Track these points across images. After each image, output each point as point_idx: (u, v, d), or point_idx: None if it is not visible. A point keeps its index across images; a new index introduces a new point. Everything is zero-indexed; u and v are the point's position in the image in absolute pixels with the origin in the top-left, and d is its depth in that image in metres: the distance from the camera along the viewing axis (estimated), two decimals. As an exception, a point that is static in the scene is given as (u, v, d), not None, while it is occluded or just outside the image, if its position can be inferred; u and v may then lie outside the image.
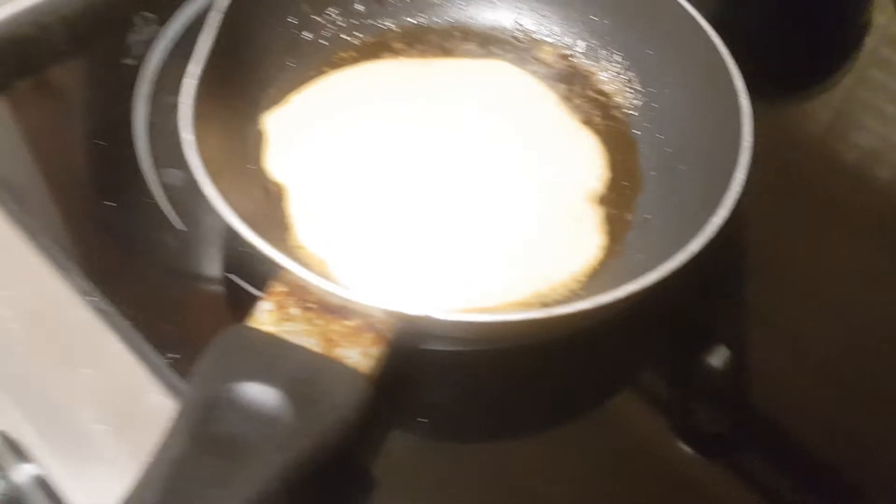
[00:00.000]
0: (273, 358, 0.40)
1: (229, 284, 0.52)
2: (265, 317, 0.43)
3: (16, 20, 0.64)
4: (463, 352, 0.50)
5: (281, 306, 0.43)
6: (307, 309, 0.43)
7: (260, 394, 0.39)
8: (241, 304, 0.50)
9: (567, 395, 0.50)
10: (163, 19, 0.64)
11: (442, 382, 0.49)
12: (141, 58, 0.62)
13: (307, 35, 0.61)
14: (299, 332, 0.43)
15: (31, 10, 0.65)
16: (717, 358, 0.53)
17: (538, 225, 0.52)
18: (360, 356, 0.42)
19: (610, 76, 0.61)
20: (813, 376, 0.51)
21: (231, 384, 0.39)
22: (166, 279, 0.53)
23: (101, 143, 0.58)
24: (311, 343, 0.42)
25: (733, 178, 0.47)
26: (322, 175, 0.54)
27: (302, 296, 0.44)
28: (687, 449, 0.48)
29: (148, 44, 0.62)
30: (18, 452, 0.48)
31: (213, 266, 0.53)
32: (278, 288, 0.44)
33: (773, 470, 0.48)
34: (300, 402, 0.39)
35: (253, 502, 0.35)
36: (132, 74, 0.60)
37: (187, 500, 0.35)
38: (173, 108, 0.58)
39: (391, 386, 0.45)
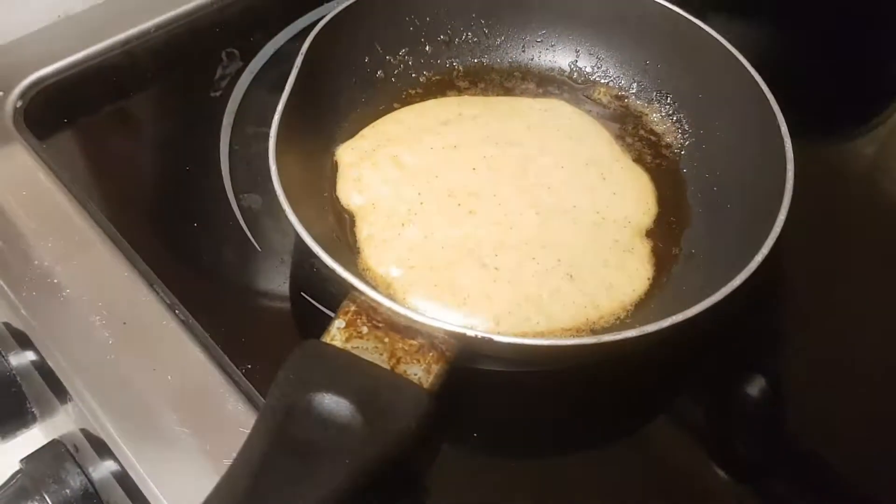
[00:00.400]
0: (345, 371, 0.44)
1: (299, 301, 0.56)
2: (338, 333, 0.47)
3: (108, 50, 0.70)
4: (515, 373, 0.53)
5: (352, 324, 0.48)
6: (375, 327, 0.48)
7: (333, 404, 0.43)
8: (309, 320, 0.54)
9: (610, 417, 0.53)
10: (245, 55, 0.70)
11: (494, 401, 0.53)
12: (226, 91, 0.67)
13: (379, 73, 0.66)
14: (368, 348, 0.47)
15: (123, 42, 0.71)
16: (755, 387, 0.55)
17: (590, 255, 0.55)
18: (423, 372, 0.46)
19: (661, 117, 0.64)
20: (848, 407, 0.53)
21: (308, 394, 0.43)
22: (242, 295, 0.57)
23: (189, 168, 0.63)
24: (379, 359, 0.46)
25: (776, 220, 0.49)
26: (389, 203, 0.58)
27: (371, 315, 0.48)
28: (723, 474, 0.51)
29: (232, 78, 0.68)
30: (100, 449, 0.53)
31: (284, 284, 0.57)
32: (350, 307, 0.48)
33: (807, 498, 0.51)
34: (369, 413, 0.42)
35: (326, 501, 0.39)
36: (218, 106, 0.66)
37: (267, 496, 0.39)
38: (253, 137, 0.64)
39: (448, 401, 0.49)
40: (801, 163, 0.53)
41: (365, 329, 0.47)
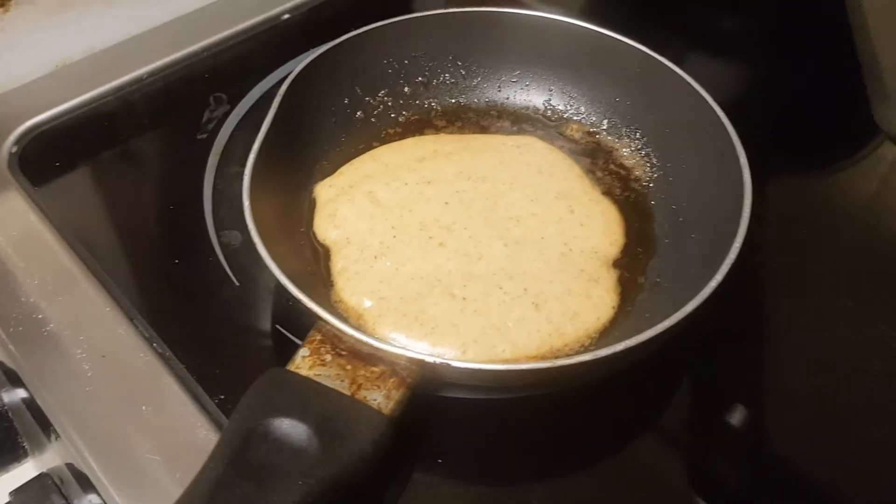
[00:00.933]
0: (304, 397, 0.46)
1: (275, 334, 0.57)
2: (302, 361, 0.48)
3: (101, 97, 0.73)
4: (481, 400, 0.54)
5: (316, 352, 0.49)
6: (339, 355, 0.49)
7: (291, 428, 0.44)
8: (284, 352, 0.55)
9: (578, 444, 0.53)
10: (232, 99, 0.72)
11: (462, 428, 0.53)
12: (212, 133, 0.69)
13: (359, 114, 0.68)
14: (331, 375, 0.48)
15: (116, 89, 0.74)
16: (730, 412, 0.55)
17: (556, 285, 0.56)
18: (383, 398, 0.47)
19: (631, 151, 0.66)
20: (816, 425, 0.54)
21: (266, 419, 0.44)
22: (220, 328, 0.59)
23: (173, 207, 0.65)
24: (341, 385, 0.47)
25: (731, 248, 0.50)
26: (363, 237, 0.59)
27: (335, 344, 0.49)
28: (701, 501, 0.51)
29: (219, 121, 0.70)
30: (82, 481, 0.54)
31: (262, 317, 0.59)
32: (316, 336, 0.50)
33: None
34: (325, 437, 0.44)
35: (278, 521, 0.40)
36: (203, 147, 0.68)
37: (222, 517, 0.40)
38: (236, 176, 0.66)
39: (415, 429, 0.50)
40: (760, 194, 0.54)
41: (328, 357, 0.49)
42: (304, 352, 0.49)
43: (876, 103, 0.43)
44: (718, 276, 0.49)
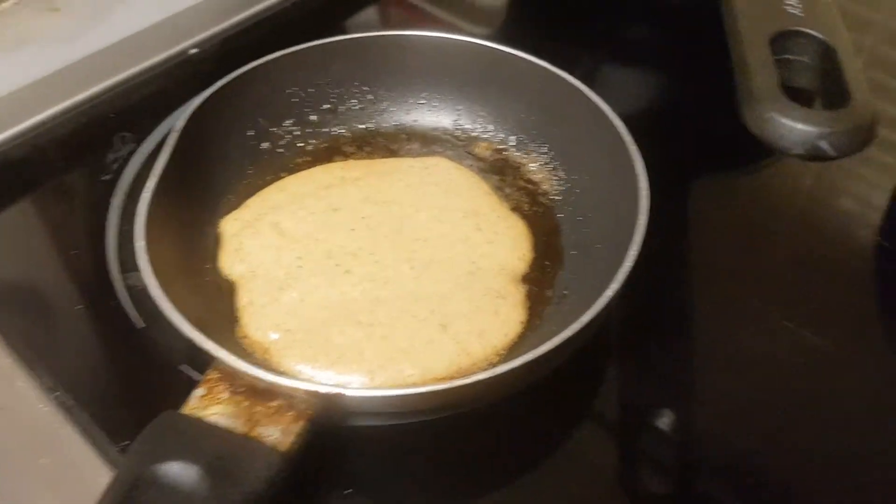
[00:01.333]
0: (195, 439, 0.44)
1: (179, 375, 0.56)
2: (197, 402, 0.47)
3: (11, 141, 0.71)
4: (393, 426, 0.53)
5: (212, 392, 0.47)
6: (236, 393, 0.47)
7: (180, 471, 0.42)
8: (188, 393, 0.54)
9: (496, 462, 0.52)
10: (139, 137, 0.71)
11: (375, 455, 0.52)
12: (116, 173, 0.68)
13: (265, 145, 0.67)
14: (227, 413, 0.46)
15: (24, 133, 0.72)
16: (649, 415, 0.55)
17: (463, 304, 0.55)
18: (280, 434, 0.46)
19: (538, 166, 0.66)
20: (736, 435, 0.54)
21: (155, 464, 0.43)
22: (124, 373, 0.57)
23: (76, 252, 0.63)
24: (235, 423, 0.46)
25: (626, 257, 0.50)
26: (268, 269, 0.58)
27: (232, 381, 0.48)
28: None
29: (124, 160, 0.69)
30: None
31: (167, 359, 0.57)
32: (213, 375, 0.49)
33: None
34: (216, 478, 0.42)
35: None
36: (108, 188, 0.67)
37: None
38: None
39: (322, 460, 0.49)
40: (664, 201, 0.55)
41: (225, 395, 0.47)
42: (199, 392, 0.48)
43: (743, 104, 0.43)
44: (614, 286, 0.49)
